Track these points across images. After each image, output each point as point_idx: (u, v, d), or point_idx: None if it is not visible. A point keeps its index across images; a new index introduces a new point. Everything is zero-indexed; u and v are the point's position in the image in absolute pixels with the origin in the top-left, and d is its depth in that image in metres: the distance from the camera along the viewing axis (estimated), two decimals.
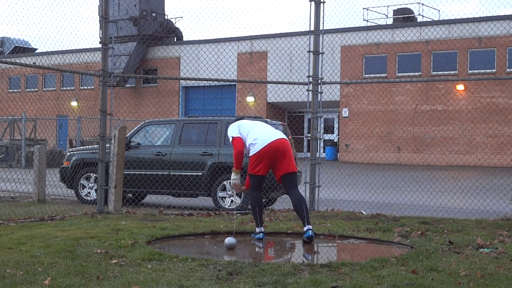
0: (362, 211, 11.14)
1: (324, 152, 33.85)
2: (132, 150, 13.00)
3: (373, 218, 10.04)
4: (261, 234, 7.83)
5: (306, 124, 30.80)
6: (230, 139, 8.05)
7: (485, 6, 51.34)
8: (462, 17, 33.80)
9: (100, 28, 14.69)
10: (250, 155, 7.88)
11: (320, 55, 11.52)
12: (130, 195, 13.41)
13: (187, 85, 38.60)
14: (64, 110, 41.47)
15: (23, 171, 19.75)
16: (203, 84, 37.78)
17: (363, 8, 35.05)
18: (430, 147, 31.40)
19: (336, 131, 35.43)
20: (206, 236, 8.18)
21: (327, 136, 35.21)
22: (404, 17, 34.60)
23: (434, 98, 30.78)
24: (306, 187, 11.41)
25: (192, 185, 12.49)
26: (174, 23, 39.96)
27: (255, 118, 13.28)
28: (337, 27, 19.24)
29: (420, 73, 31.95)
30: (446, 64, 31.19)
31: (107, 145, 10.72)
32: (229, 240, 7.33)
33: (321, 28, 11.41)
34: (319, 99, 11.54)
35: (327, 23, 39.64)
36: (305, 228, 7.63)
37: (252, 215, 8.02)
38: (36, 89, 44.52)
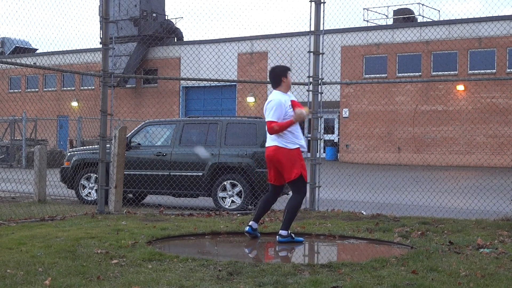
0: (362, 211, 11.14)
1: (324, 152, 33.86)
2: (132, 150, 13.01)
3: (373, 218, 10.04)
4: (247, 227, 7.90)
5: (306, 125, 30.76)
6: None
7: (485, 6, 51.37)
8: (462, 17, 33.84)
9: (101, 28, 14.69)
10: None
11: (320, 55, 11.53)
12: (131, 195, 13.42)
13: (187, 85, 38.61)
14: (64, 111, 41.49)
15: (24, 171, 19.76)
16: (203, 85, 37.79)
17: (363, 9, 35.08)
18: (430, 147, 31.41)
19: (336, 131, 35.44)
20: (206, 236, 8.18)
21: (327, 137, 35.22)
22: (404, 18, 34.61)
23: (434, 99, 30.79)
24: (306, 187, 11.39)
25: (193, 185, 12.50)
26: (174, 23, 39.99)
27: (255, 118, 13.31)
28: (337, 28, 19.20)
29: (420, 73, 31.96)
30: (446, 64, 31.20)
31: (107, 145, 10.73)
32: None
33: (321, 28, 11.41)
34: (319, 99, 11.55)
35: (327, 23, 39.65)
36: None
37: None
38: (36, 90, 44.54)
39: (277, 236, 7.75)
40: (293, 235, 7.81)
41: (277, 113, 7.62)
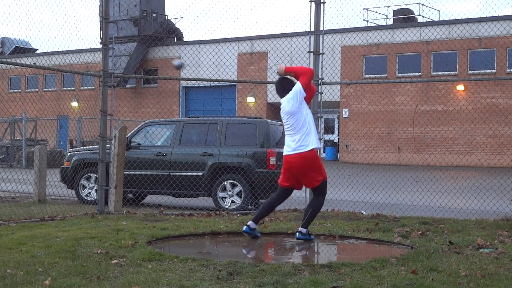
0: (362, 212, 11.15)
1: (324, 152, 33.86)
2: (132, 150, 13.01)
3: (373, 218, 10.04)
4: (245, 227, 7.94)
5: None
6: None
7: (485, 7, 51.36)
8: (462, 18, 33.84)
9: (101, 28, 14.69)
10: None
11: (320, 55, 11.53)
12: (131, 195, 13.42)
13: (187, 85, 38.61)
14: (64, 111, 41.49)
15: (24, 171, 19.75)
16: (203, 85, 37.80)
17: (363, 9, 35.08)
18: (430, 147, 31.41)
19: (336, 132, 35.44)
20: (206, 236, 8.18)
21: (328, 137, 35.22)
22: (404, 18, 34.61)
23: (434, 99, 30.79)
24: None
25: (193, 185, 12.50)
26: (174, 23, 39.98)
27: (255, 118, 13.31)
28: (337, 28, 19.23)
29: (420, 73, 31.96)
30: (446, 64, 31.20)
31: (107, 145, 10.73)
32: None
33: (321, 28, 11.41)
34: (319, 99, 11.55)
35: (327, 24, 39.62)
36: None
37: None
38: (36, 90, 44.54)
39: (297, 233, 7.88)
40: (309, 232, 7.98)
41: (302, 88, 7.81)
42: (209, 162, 12.54)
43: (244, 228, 7.92)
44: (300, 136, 7.74)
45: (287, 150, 7.84)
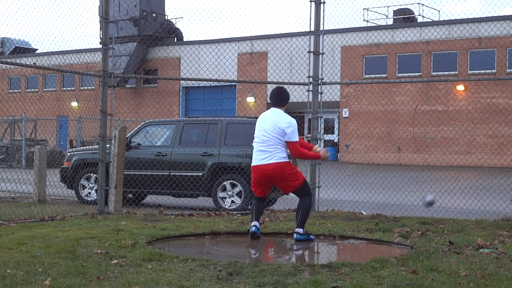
0: (362, 212, 11.15)
1: None
2: (132, 150, 13.01)
3: (373, 218, 10.04)
4: (253, 227, 7.92)
5: (306, 125, 30.80)
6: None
7: (485, 7, 51.35)
8: (462, 18, 33.85)
9: (101, 28, 14.68)
10: None
11: (320, 55, 11.53)
12: (131, 195, 13.42)
13: (187, 85, 38.61)
14: (64, 111, 41.49)
15: (24, 171, 19.74)
16: (203, 85, 37.80)
17: (363, 9, 35.08)
18: (430, 147, 31.41)
19: (336, 132, 35.45)
20: (206, 237, 8.18)
21: (328, 137, 35.22)
22: (404, 18, 34.61)
23: (434, 99, 30.79)
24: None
25: (193, 186, 12.49)
26: (174, 23, 39.99)
27: (255, 118, 13.29)
28: (337, 28, 19.22)
29: (420, 73, 31.96)
30: (446, 64, 31.20)
31: (107, 145, 10.73)
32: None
33: (321, 28, 11.41)
34: (319, 99, 11.55)
35: (327, 24, 39.59)
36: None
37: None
38: (36, 90, 44.54)
39: (295, 234, 7.87)
40: (308, 232, 7.98)
41: (297, 134, 7.89)
42: (209, 162, 12.54)
43: (253, 228, 7.87)
44: (273, 151, 7.78)
45: (259, 160, 7.82)
